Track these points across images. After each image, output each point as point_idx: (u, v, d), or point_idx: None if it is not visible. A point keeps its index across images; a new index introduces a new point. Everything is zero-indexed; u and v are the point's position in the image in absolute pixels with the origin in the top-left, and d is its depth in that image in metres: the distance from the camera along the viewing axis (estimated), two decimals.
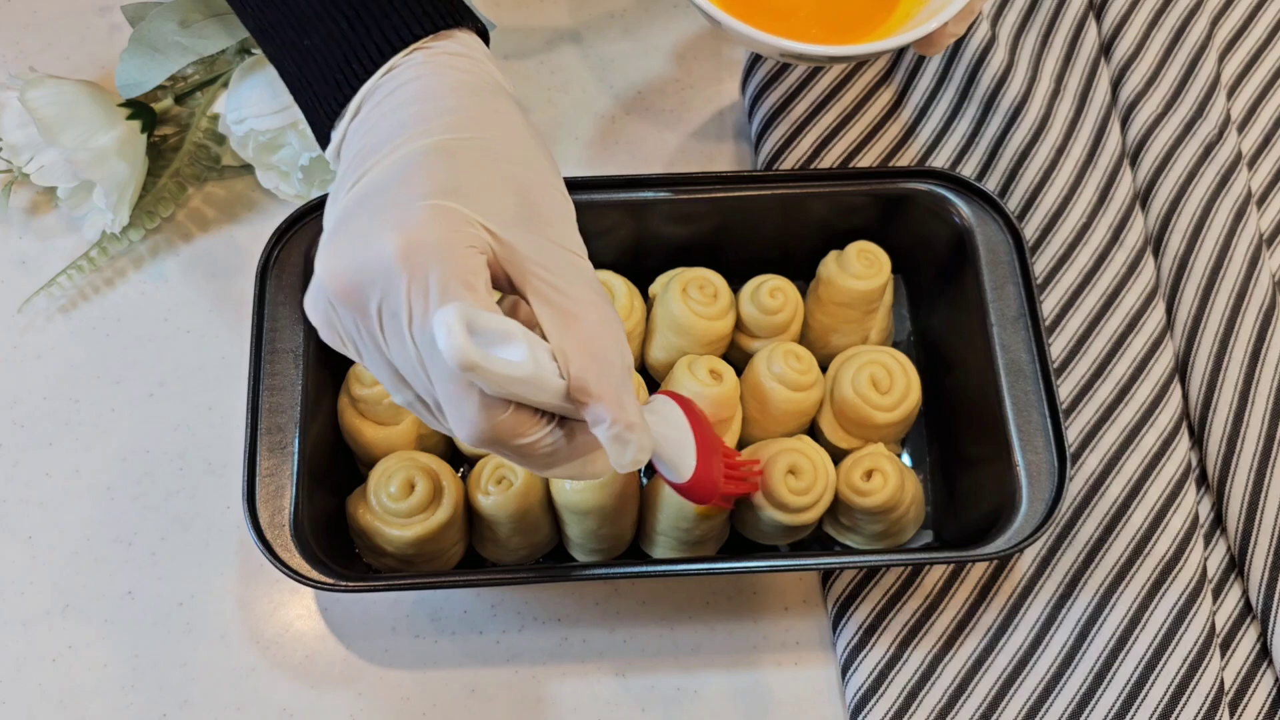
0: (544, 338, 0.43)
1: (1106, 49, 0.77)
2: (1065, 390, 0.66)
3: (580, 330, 0.43)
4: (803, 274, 0.66)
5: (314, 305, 0.44)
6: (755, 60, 0.75)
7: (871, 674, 0.61)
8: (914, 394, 0.62)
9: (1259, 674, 0.62)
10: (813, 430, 0.64)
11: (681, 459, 0.52)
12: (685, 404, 0.54)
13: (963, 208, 0.64)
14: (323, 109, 0.49)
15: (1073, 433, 0.65)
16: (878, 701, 0.60)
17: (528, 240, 0.43)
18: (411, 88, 0.46)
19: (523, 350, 0.41)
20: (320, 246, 0.43)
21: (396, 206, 0.42)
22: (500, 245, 0.43)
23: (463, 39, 0.49)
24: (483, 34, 0.51)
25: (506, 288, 0.44)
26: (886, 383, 0.62)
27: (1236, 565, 0.64)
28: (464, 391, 0.42)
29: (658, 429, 0.50)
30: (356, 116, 0.47)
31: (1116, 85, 0.76)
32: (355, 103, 0.47)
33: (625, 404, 0.42)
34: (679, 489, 0.53)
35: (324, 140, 0.49)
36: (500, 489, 0.58)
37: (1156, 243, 0.71)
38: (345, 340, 0.44)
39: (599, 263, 0.65)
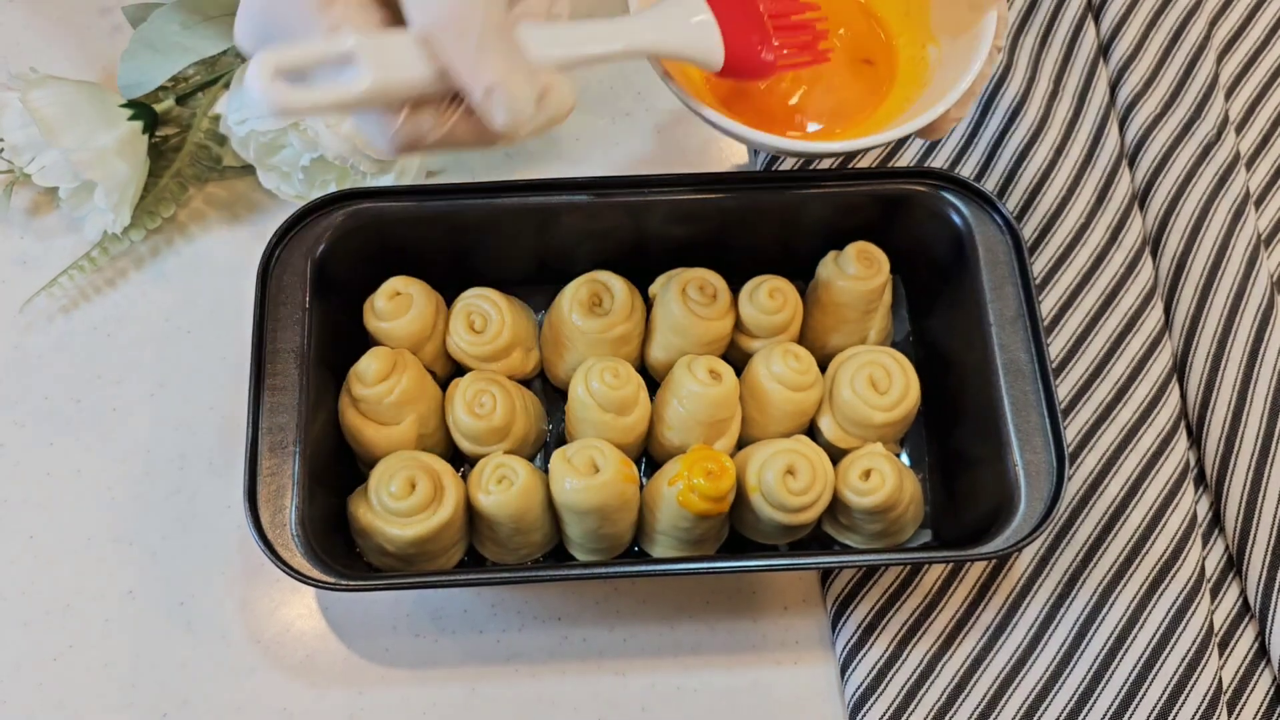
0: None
1: (1105, 49, 0.77)
2: (1064, 390, 0.67)
3: (430, 5, 0.42)
4: (802, 274, 0.67)
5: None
6: None
7: (870, 673, 0.61)
8: (913, 394, 0.62)
9: (1257, 673, 0.62)
10: (812, 430, 0.64)
11: (705, 51, 0.49)
12: None
13: (961, 208, 0.64)
14: None
15: (1071, 432, 0.65)
16: (876, 700, 0.60)
17: None
18: None
19: (360, 67, 0.40)
20: None
21: None
22: None
23: None
24: None
25: None
26: (885, 383, 0.62)
27: (1234, 564, 0.64)
28: (355, 113, 0.42)
29: (652, 33, 0.49)
30: None
31: (1115, 86, 0.76)
32: None
33: (480, 66, 0.42)
34: (723, 77, 0.50)
35: None
36: (501, 489, 0.58)
37: (1155, 243, 0.71)
38: None
39: (599, 263, 0.65)
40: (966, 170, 0.73)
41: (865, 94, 0.64)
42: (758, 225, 0.65)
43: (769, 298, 0.63)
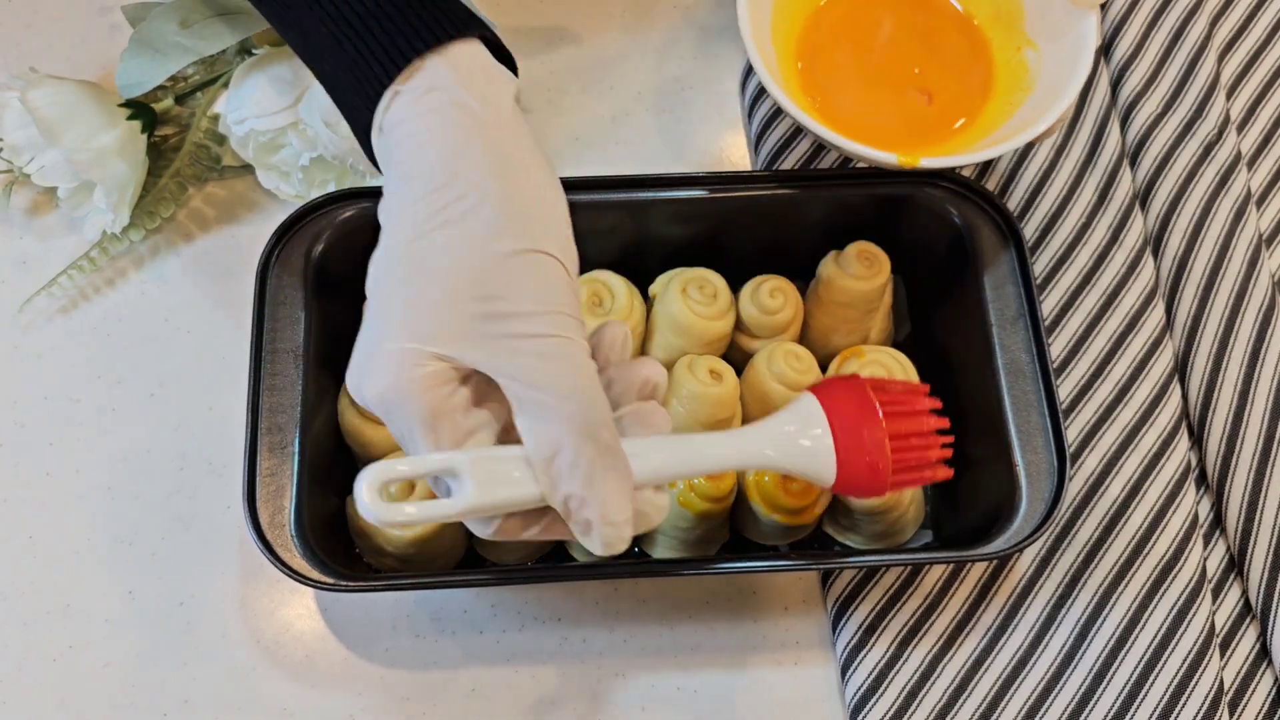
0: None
1: (1106, 49, 0.77)
2: (1065, 390, 0.67)
3: (545, 433, 0.44)
4: (803, 274, 0.66)
5: None
6: None
7: (871, 674, 0.61)
8: None
9: (1259, 673, 0.62)
10: None
11: (817, 468, 0.50)
12: (843, 390, 0.51)
13: (962, 208, 0.64)
14: (356, 125, 0.50)
15: (1072, 433, 0.65)
16: (877, 701, 0.60)
17: (487, 352, 0.44)
18: (403, 148, 0.47)
19: (467, 486, 0.44)
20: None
21: (374, 348, 0.45)
22: (465, 365, 0.44)
23: (447, 61, 0.48)
24: (487, 39, 0.50)
25: None
26: None
27: (1236, 565, 0.64)
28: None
29: (774, 449, 0.50)
30: (382, 133, 0.49)
31: (1116, 85, 0.76)
32: (376, 126, 0.49)
33: (585, 502, 0.44)
34: (835, 491, 0.51)
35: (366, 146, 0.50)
36: None
37: (1156, 243, 0.71)
38: None
39: (599, 263, 0.65)
40: (967, 170, 0.73)
41: (964, 102, 0.68)
42: (758, 225, 0.65)
43: (770, 297, 0.63)
